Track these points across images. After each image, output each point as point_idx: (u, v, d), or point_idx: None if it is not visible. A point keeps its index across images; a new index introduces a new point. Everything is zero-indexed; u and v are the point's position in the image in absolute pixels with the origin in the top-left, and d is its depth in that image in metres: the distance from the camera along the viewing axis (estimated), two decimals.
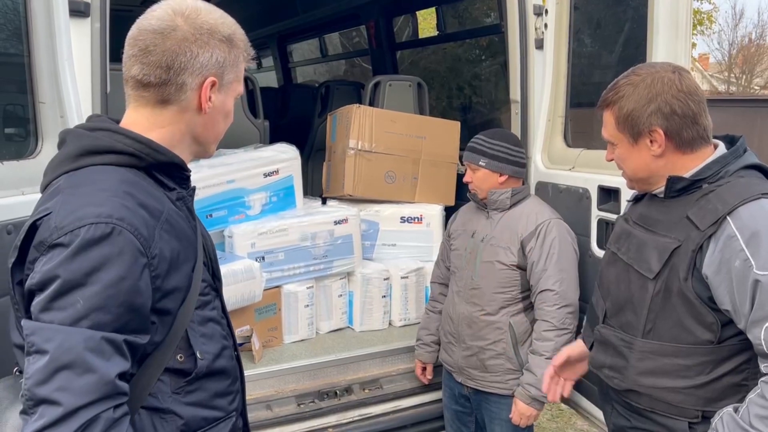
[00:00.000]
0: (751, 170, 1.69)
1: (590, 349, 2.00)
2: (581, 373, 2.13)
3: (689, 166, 1.72)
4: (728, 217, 1.58)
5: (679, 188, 1.71)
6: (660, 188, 1.77)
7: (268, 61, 7.67)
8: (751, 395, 1.55)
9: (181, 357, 1.33)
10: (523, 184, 2.76)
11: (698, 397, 1.68)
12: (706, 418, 1.67)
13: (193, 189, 1.47)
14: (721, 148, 1.74)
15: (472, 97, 5.50)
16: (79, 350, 1.09)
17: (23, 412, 1.10)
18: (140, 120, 1.34)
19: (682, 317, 1.67)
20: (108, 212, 1.16)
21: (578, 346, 2.09)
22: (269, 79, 7.62)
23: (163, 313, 1.26)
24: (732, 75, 27.59)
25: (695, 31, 24.58)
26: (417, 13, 5.38)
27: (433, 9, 4.79)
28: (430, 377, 3.01)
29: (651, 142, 1.71)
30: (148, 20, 1.31)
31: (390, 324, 3.52)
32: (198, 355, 1.35)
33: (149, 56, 1.28)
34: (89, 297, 1.12)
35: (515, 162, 2.69)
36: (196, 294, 1.37)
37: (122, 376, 1.17)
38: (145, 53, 1.28)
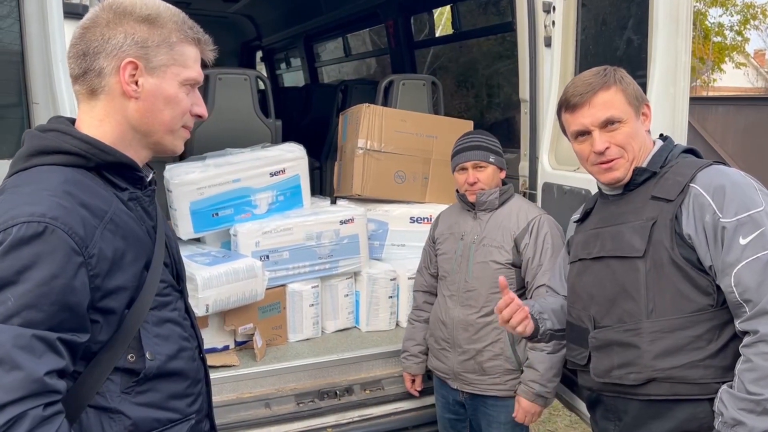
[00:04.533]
0: (688, 154, 1.85)
1: (586, 365, 1.92)
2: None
3: (650, 145, 1.86)
4: (691, 184, 1.71)
5: (644, 179, 1.81)
6: (618, 189, 1.87)
7: (297, 62, 7.74)
8: (739, 366, 1.60)
9: (132, 357, 1.33)
10: (504, 183, 2.74)
11: (716, 368, 1.68)
12: None
13: (152, 190, 1.46)
14: (659, 140, 1.89)
15: (505, 95, 5.42)
16: (7, 347, 1.10)
17: None
18: (82, 117, 1.36)
19: (679, 285, 1.71)
20: (42, 211, 1.17)
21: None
22: (299, 78, 7.69)
23: (106, 312, 1.27)
24: None
25: (749, 26, 23.77)
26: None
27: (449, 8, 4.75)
28: (419, 388, 2.98)
29: (643, 115, 1.85)
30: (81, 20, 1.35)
31: (397, 325, 3.49)
32: (147, 355, 1.34)
33: (72, 49, 1.33)
34: (20, 295, 1.13)
35: (504, 158, 2.72)
36: (152, 294, 1.37)
37: (61, 374, 1.18)
38: (71, 48, 1.33)
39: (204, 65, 1.47)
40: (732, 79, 25.28)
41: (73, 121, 1.40)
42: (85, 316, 1.22)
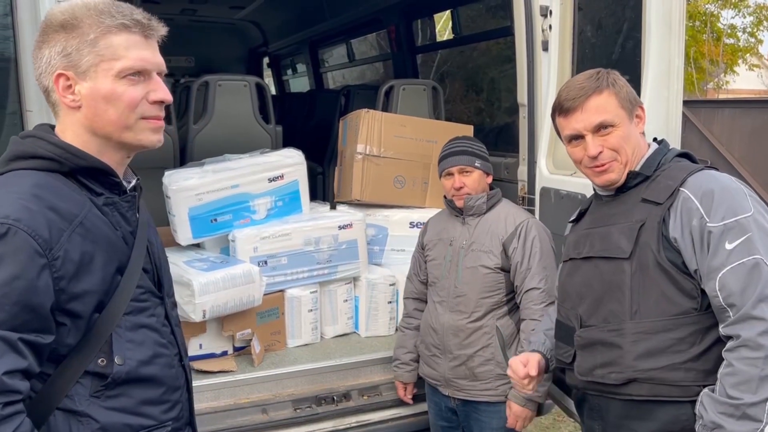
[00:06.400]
0: (682, 158, 1.86)
1: (570, 364, 1.93)
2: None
3: (644, 147, 1.86)
4: (681, 188, 1.72)
5: (637, 182, 1.82)
6: (611, 190, 1.88)
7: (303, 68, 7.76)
8: (721, 370, 1.61)
9: (102, 361, 1.34)
10: (492, 188, 2.74)
11: (697, 371, 1.69)
12: None
13: (132, 195, 1.46)
14: (654, 143, 1.89)
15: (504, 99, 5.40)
16: None
17: None
18: (57, 126, 1.40)
19: (664, 288, 1.72)
20: (6, 213, 1.20)
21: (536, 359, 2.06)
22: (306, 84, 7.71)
23: (73, 315, 1.28)
24: None
25: (762, 28, 23.53)
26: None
27: (449, 13, 4.76)
28: (411, 396, 2.96)
29: (637, 117, 1.85)
30: None
31: (396, 330, 3.48)
32: (116, 360, 1.34)
33: (35, 71, 1.38)
34: None
35: (490, 163, 2.74)
36: (125, 299, 1.37)
37: (25, 374, 1.19)
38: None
39: (164, 52, 1.40)
40: (746, 81, 25.04)
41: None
42: (49, 318, 1.23)
